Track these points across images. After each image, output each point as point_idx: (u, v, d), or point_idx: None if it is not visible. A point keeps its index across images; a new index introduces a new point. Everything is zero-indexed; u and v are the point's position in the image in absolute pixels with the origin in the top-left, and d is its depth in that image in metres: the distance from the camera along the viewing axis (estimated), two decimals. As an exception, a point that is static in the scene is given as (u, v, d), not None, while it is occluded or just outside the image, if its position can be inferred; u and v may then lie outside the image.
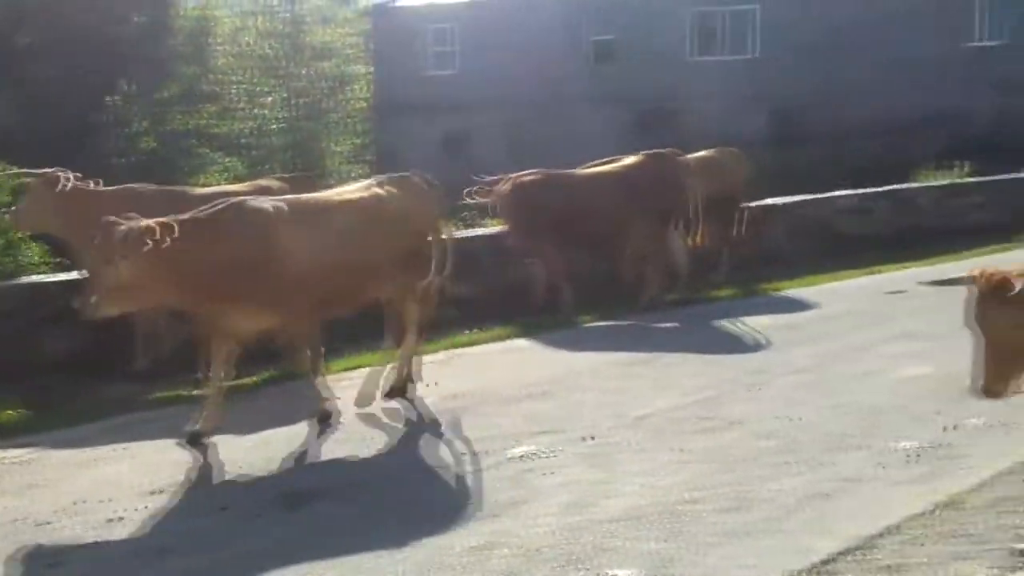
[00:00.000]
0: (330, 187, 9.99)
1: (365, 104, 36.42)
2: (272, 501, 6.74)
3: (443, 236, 8.94)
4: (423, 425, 8.33)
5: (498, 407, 8.65)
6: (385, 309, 8.96)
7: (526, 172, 13.04)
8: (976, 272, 5.66)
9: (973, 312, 5.64)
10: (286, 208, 7.92)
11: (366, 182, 8.88)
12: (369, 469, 7.37)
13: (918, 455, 7.04)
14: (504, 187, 12.68)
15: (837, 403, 8.32)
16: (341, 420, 8.37)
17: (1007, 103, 27.40)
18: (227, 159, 28.03)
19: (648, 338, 11.22)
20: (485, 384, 9.39)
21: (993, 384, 5.66)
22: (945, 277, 6.68)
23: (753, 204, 15.27)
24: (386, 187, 8.60)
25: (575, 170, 13.31)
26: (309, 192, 9.76)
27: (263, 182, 11.06)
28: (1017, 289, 5.41)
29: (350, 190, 8.73)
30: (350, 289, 8.31)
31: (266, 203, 7.96)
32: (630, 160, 13.03)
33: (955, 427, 7.58)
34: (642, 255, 12.86)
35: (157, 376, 9.78)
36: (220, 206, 7.75)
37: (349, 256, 8.04)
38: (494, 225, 13.83)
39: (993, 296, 5.52)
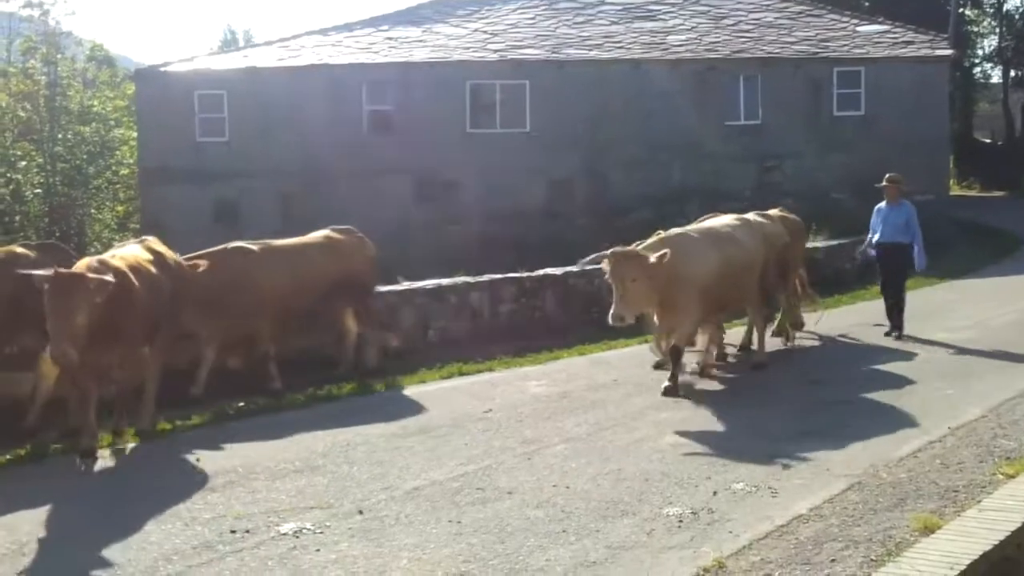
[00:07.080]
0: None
1: (130, 171, 35.23)
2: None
3: None
4: (187, 501, 7.91)
5: (267, 482, 8.35)
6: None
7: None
8: None
9: None
10: None
11: None
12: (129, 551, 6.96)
13: (684, 521, 7.15)
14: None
15: (609, 471, 8.39)
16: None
17: (764, 177, 28.83)
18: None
19: (415, 409, 11.00)
20: (253, 458, 9.04)
21: None
22: None
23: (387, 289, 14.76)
24: None
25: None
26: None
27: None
28: None
29: None
30: None
31: None
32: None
33: (721, 491, 7.75)
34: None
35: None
36: None
37: None
38: None
39: None
